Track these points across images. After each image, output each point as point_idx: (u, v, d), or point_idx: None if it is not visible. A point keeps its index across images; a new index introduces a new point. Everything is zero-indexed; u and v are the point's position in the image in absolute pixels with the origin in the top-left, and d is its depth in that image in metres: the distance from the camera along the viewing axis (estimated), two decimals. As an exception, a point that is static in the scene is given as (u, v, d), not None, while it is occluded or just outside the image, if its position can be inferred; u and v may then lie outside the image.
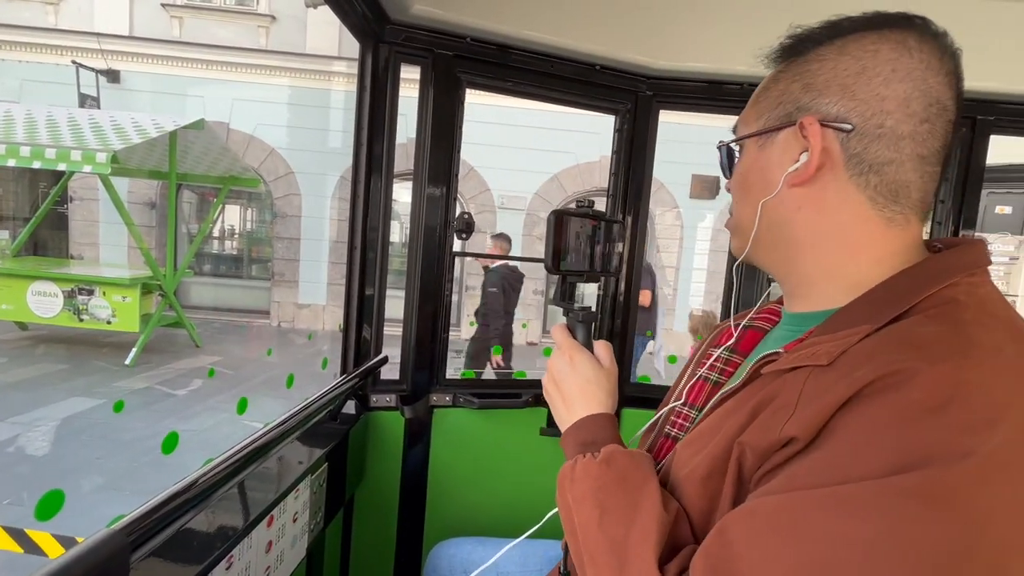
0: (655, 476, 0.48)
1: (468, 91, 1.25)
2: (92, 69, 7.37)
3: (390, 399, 1.27)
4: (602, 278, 1.45)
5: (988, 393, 0.35)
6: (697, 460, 0.46)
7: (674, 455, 0.51)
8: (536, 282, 8.09)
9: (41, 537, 1.97)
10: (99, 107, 7.20)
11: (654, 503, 0.45)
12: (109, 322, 5.58)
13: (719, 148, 0.57)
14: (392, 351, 1.29)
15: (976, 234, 1.45)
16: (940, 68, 0.46)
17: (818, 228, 0.49)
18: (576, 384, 0.58)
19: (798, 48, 0.51)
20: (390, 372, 1.31)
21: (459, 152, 1.26)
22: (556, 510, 0.58)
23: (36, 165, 4.88)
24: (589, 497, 0.48)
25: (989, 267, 0.48)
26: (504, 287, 4.26)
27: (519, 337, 7.92)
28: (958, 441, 0.33)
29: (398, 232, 7.22)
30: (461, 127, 1.25)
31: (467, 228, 1.27)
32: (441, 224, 1.25)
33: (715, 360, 0.61)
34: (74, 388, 4.58)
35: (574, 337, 0.61)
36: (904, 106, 0.46)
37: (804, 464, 0.37)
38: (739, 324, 0.62)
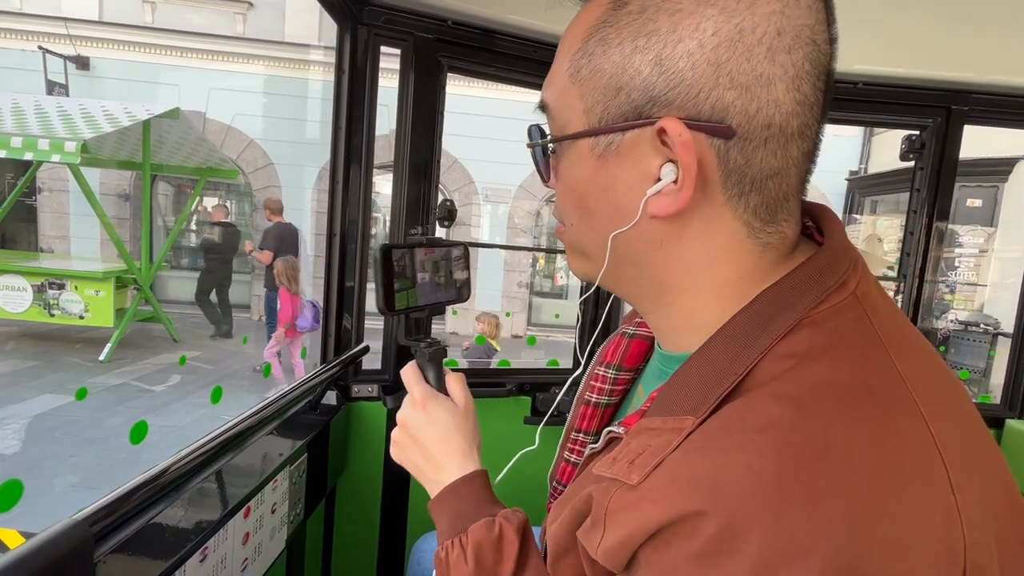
0: (523, 561, 0.46)
1: (453, 81, 1.23)
2: (60, 55, 7.09)
3: (372, 389, 1.25)
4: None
5: (783, 537, 0.28)
6: (553, 530, 0.42)
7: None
8: (521, 275, 8.09)
9: (7, 535, 1.91)
10: (68, 94, 6.95)
11: None
12: (82, 317, 5.42)
13: (530, 147, 0.43)
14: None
15: (948, 226, 1.47)
16: (826, 17, 0.34)
17: (680, 267, 0.38)
18: (435, 436, 0.53)
19: None
20: (372, 362, 1.29)
21: (440, 138, 1.24)
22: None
23: (1, 154, 4.69)
24: None
25: (854, 269, 0.36)
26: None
27: (503, 329, 7.93)
28: None
29: (380, 224, 7.14)
30: (443, 112, 1.23)
31: (449, 215, 1.25)
32: (423, 211, 1.23)
33: (601, 382, 0.54)
34: (45, 385, 4.44)
35: (426, 378, 0.57)
36: (795, 89, 0.33)
37: None
38: (623, 332, 0.55)
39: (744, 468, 0.29)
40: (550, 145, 0.42)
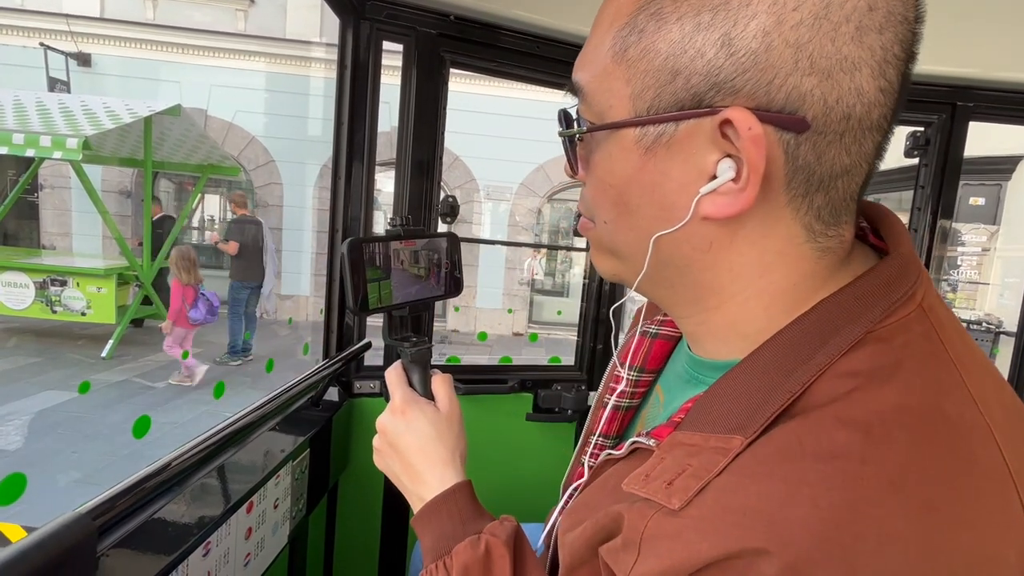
0: (521, 573, 0.43)
1: (455, 79, 1.23)
2: (62, 52, 7.09)
3: (374, 385, 1.25)
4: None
5: None
6: (570, 540, 0.39)
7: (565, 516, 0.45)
8: (521, 272, 8.09)
9: (9, 529, 1.92)
10: (69, 91, 6.95)
11: None
12: (84, 314, 5.43)
13: (561, 135, 0.37)
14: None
15: (952, 224, 1.47)
16: None
17: (729, 272, 0.34)
18: (416, 444, 0.50)
19: None
20: (375, 359, 1.29)
21: (443, 133, 1.23)
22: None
23: (3, 151, 4.69)
24: None
25: (920, 280, 0.33)
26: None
27: (505, 327, 7.94)
28: None
29: (382, 223, 7.13)
30: (445, 107, 1.23)
31: (451, 211, 1.25)
32: (425, 207, 1.23)
33: (624, 384, 0.50)
34: (48, 381, 4.45)
35: (410, 381, 0.54)
36: (880, 75, 0.29)
37: None
38: (644, 331, 0.50)
39: (810, 502, 0.26)
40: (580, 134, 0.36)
